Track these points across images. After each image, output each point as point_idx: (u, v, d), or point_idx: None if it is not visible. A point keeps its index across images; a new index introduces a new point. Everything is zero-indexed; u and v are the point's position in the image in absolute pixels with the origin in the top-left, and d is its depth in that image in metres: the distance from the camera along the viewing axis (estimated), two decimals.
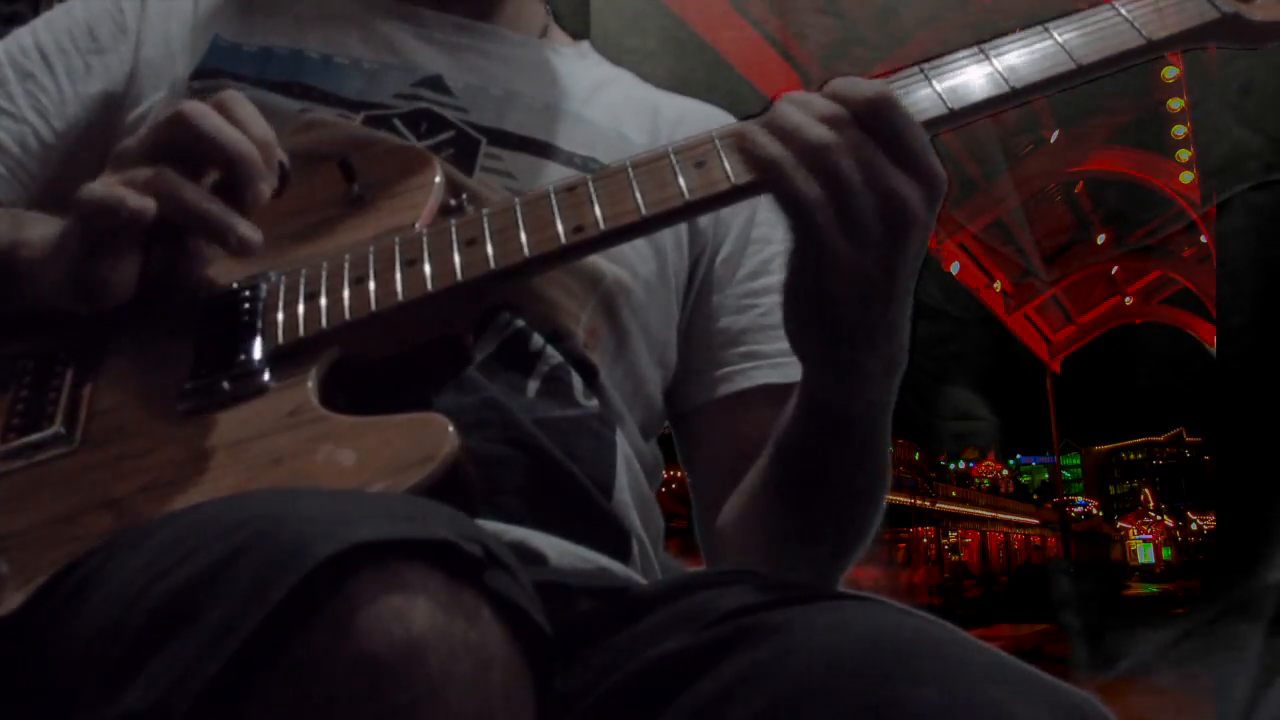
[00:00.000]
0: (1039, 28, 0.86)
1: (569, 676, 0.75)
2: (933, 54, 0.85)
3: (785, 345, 1.10)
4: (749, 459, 1.04)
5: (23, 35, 1.08)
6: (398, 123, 1.03)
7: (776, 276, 1.14)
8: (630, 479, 1.01)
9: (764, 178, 0.79)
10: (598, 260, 1.01)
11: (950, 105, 0.83)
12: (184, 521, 0.61)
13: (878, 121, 0.78)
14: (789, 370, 1.09)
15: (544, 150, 1.07)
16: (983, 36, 0.86)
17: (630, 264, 1.04)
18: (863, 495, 0.94)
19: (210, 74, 1.04)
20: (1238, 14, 0.84)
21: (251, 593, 0.53)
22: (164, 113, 1.01)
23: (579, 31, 1.26)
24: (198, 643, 0.52)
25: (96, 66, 1.05)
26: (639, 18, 5.49)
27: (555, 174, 1.05)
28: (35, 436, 0.82)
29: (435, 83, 1.07)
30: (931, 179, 0.79)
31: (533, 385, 0.96)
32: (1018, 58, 0.85)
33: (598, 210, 0.82)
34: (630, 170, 0.84)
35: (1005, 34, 0.86)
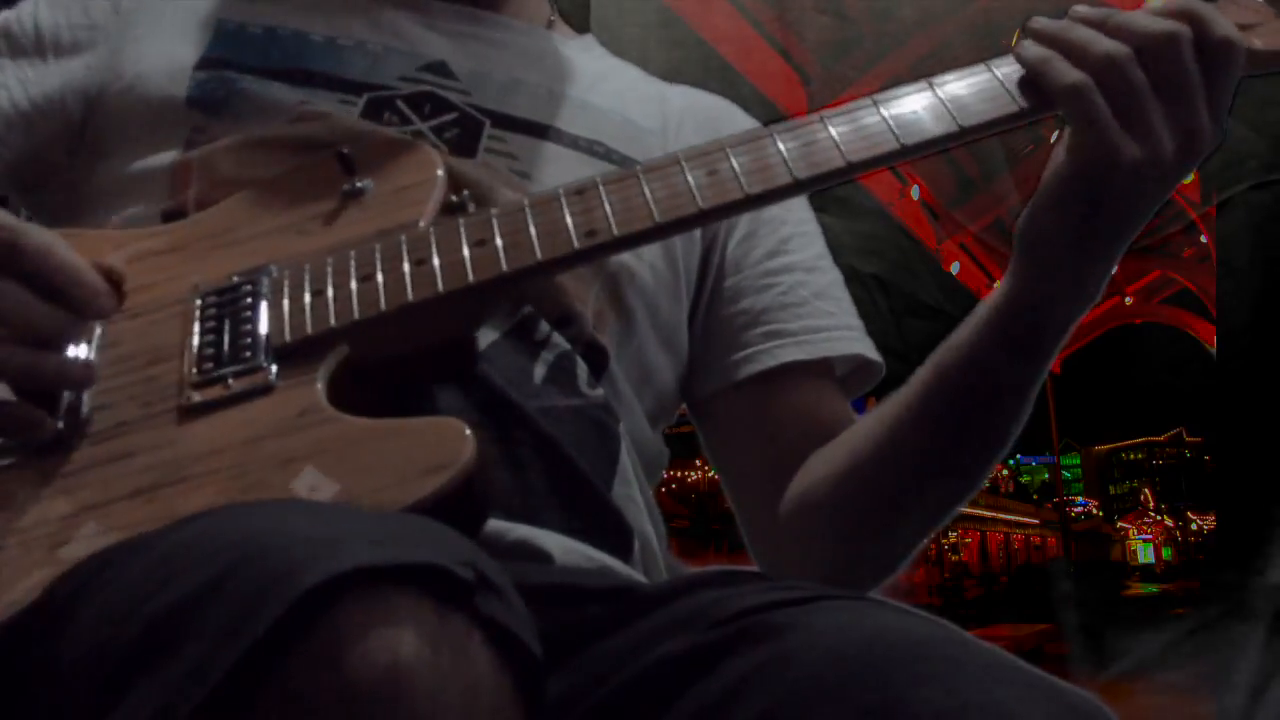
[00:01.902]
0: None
1: (572, 677, 0.75)
2: (932, 53, 0.85)
3: (809, 323, 1.10)
4: (782, 443, 1.04)
5: (24, 9, 1.10)
6: (401, 104, 1.03)
7: (795, 255, 1.14)
8: (631, 473, 1.01)
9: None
10: None
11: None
12: (176, 538, 0.60)
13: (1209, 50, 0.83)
14: (814, 347, 1.09)
15: (548, 133, 1.07)
16: (982, 36, 0.86)
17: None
18: (1002, 438, 0.97)
19: (214, 63, 1.04)
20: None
21: (236, 621, 0.52)
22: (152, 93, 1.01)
23: (579, 28, 1.26)
24: (181, 672, 0.52)
25: (83, 41, 1.07)
26: (636, 15, 5.49)
27: (559, 156, 1.05)
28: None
29: (439, 67, 1.07)
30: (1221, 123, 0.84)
31: (539, 371, 0.96)
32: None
33: (609, 214, 0.81)
34: (642, 175, 0.83)
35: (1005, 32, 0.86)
